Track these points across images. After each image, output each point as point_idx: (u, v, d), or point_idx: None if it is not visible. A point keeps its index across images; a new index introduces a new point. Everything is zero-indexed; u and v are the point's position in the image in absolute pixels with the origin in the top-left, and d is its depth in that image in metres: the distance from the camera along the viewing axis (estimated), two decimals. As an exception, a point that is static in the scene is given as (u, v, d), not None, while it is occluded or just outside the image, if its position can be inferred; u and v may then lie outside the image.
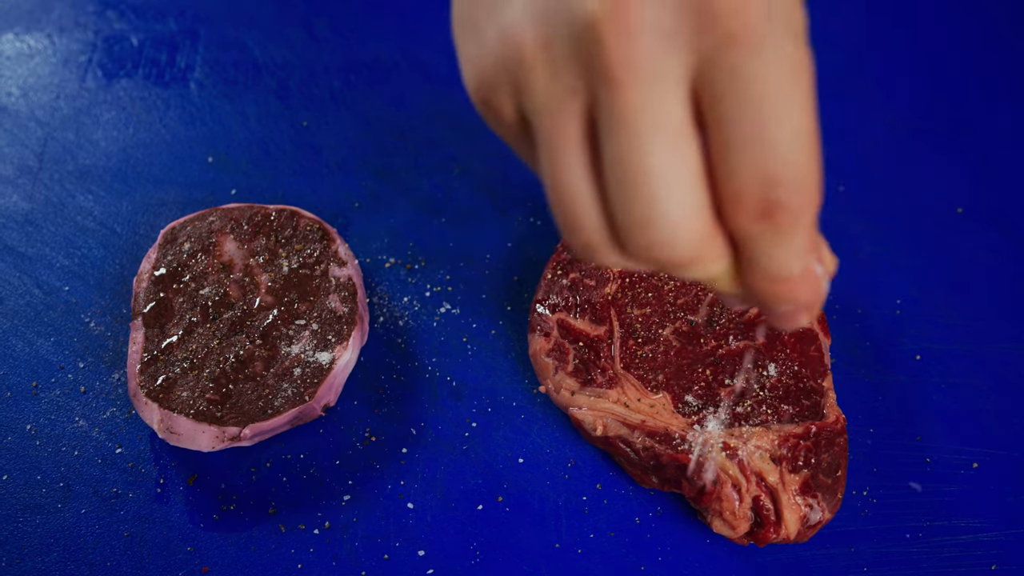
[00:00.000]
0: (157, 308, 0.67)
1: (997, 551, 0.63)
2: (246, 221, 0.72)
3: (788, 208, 0.33)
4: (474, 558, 0.62)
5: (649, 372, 0.64)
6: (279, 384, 0.64)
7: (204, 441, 0.61)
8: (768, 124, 0.32)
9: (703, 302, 0.67)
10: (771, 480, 0.59)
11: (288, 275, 0.69)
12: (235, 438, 0.61)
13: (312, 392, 0.63)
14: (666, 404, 0.63)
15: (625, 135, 0.32)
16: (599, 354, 0.65)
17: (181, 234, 0.71)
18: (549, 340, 0.66)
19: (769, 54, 0.31)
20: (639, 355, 0.65)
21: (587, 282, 0.68)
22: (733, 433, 0.61)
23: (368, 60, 0.89)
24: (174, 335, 0.66)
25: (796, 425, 0.61)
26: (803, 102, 0.32)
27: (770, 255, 0.34)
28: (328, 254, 0.70)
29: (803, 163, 0.32)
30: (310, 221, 0.72)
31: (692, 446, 0.60)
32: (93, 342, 0.71)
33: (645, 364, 0.65)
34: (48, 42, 0.90)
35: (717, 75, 0.32)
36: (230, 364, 0.64)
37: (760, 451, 0.60)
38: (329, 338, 0.66)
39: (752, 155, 0.32)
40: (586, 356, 0.65)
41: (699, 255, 0.34)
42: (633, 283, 0.68)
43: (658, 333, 0.66)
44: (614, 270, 0.69)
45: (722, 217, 0.34)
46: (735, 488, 0.59)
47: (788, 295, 0.36)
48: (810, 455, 0.60)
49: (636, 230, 0.34)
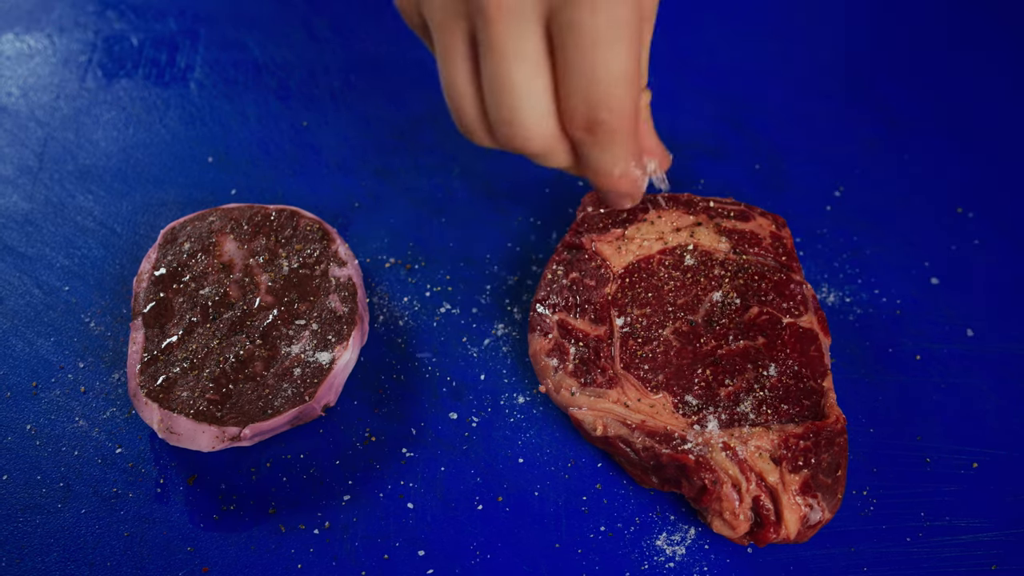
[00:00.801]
0: (157, 308, 0.67)
1: (997, 551, 0.63)
2: (246, 221, 0.72)
3: (606, 125, 0.45)
4: (474, 558, 0.62)
5: (649, 372, 0.64)
6: (279, 384, 0.64)
7: (204, 441, 0.61)
8: (595, 64, 0.43)
9: (703, 302, 0.67)
10: (771, 480, 0.59)
11: (288, 275, 0.69)
12: (235, 438, 0.61)
13: (312, 392, 0.63)
14: (666, 404, 0.63)
15: (494, 57, 0.44)
16: (599, 354, 0.65)
17: (181, 234, 0.71)
18: (549, 340, 0.66)
19: (601, 11, 0.42)
20: (639, 355, 0.65)
21: (587, 282, 0.68)
22: (733, 433, 0.61)
23: (368, 60, 0.89)
24: (174, 335, 0.66)
25: (796, 425, 0.61)
26: (624, 51, 0.43)
27: (595, 157, 0.48)
28: (328, 254, 0.70)
29: (619, 94, 0.44)
30: (310, 221, 0.72)
31: (692, 447, 0.60)
32: (93, 342, 0.71)
33: (645, 364, 0.65)
34: (48, 42, 0.90)
35: (563, 22, 0.43)
36: (230, 364, 0.64)
37: (760, 451, 0.60)
38: (329, 338, 0.66)
39: (582, 84, 0.44)
40: (586, 356, 0.65)
41: (548, 150, 0.48)
42: (633, 283, 0.68)
43: (658, 333, 0.66)
44: (614, 270, 0.69)
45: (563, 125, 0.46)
46: (735, 488, 0.59)
47: (611, 187, 0.50)
48: (810, 455, 0.60)
49: (502, 126, 0.46)
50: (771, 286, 0.67)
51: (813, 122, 0.87)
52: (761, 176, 0.83)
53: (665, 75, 0.90)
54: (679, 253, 0.69)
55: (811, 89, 0.89)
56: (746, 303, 0.67)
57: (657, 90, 0.89)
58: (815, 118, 0.87)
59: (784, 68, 0.91)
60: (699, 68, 0.90)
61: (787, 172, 0.83)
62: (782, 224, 0.71)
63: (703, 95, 0.89)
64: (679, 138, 0.85)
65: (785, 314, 0.66)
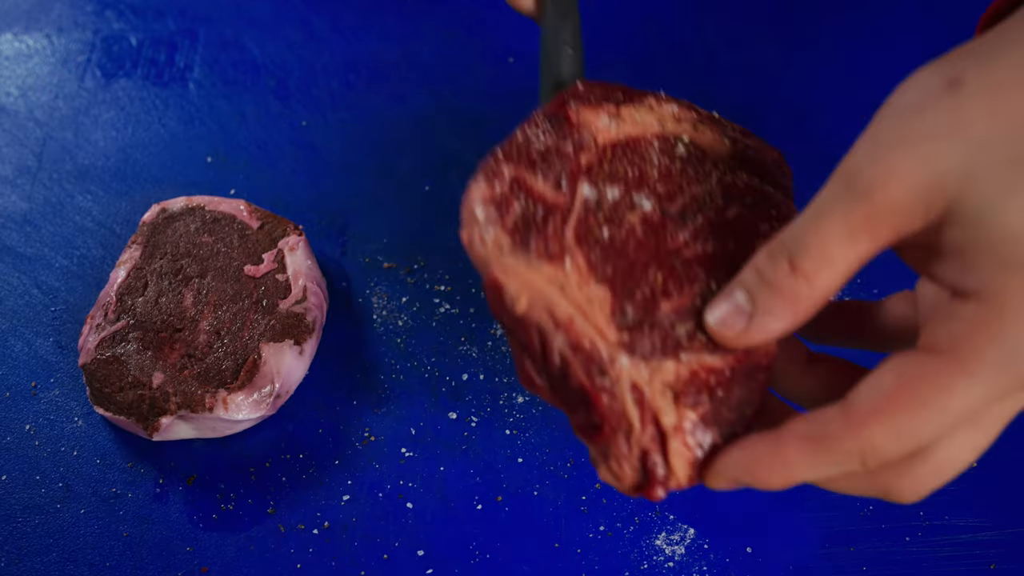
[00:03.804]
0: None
1: (996, 551, 0.63)
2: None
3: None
4: (474, 558, 0.62)
5: (600, 258, 0.53)
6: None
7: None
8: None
9: (683, 194, 0.56)
10: (665, 422, 0.48)
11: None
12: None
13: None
14: (604, 305, 0.51)
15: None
16: (547, 221, 0.53)
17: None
18: (492, 189, 0.54)
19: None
20: (594, 235, 0.54)
21: (564, 149, 0.57)
22: (649, 366, 0.50)
23: (368, 60, 0.89)
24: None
25: (717, 357, 0.50)
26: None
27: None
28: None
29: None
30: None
31: (608, 382, 0.49)
32: (92, 342, 0.71)
33: (598, 248, 0.54)
34: (47, 42, 0.90)
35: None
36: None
37: (664, 387, 0.49)
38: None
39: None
40: (532, 215, 0.53)
41: None
42: (614, 159, 0.57)
43: (624, 216, 0.55)
44: (598, 142, 0.58)
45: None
46: (626, 436, 0.48)
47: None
48: (717, 389, 0.49)
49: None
50: (760, 198, 0.58)
51: (813, 122, 0.87)
52: (760, 176, 0.83)
53: (665, 75, 0.90)
54: (673, 140, 0.59)
55: (811, 89, 0.89)
56: (728, 204, 0.57)
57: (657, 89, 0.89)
58: (815, 118, 0.87)
59: (784, 68, 0.91)
60: (699, 68, 0.90)
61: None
62: (783, 159, 0.63)
63: (703, 95, 0.89)
64: (678, 138, 0.85)
65: (765, 222, 0.57)
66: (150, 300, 0.68)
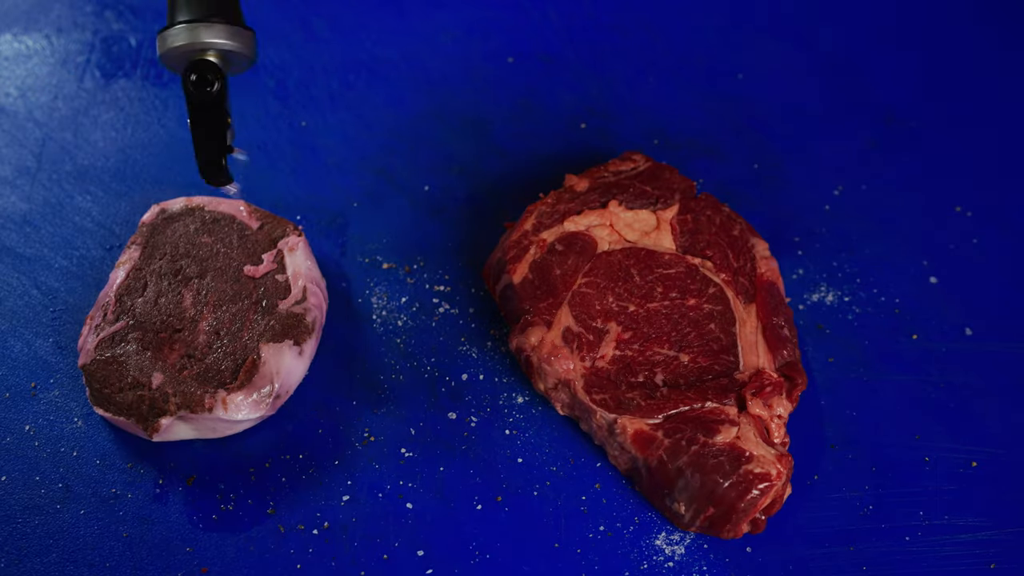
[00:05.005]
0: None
1: (996, 550, 0.63)
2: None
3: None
4: (474, 558, 0.62)
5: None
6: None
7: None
8: None
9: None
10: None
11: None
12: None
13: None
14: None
15: None
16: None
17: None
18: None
19: None
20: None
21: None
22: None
23: (368, 60, 0.89)
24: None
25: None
26: None
27: None
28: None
29: None
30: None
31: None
32: (92, 342, 0.71)
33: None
34: (46, 43, 0.90)
35: None
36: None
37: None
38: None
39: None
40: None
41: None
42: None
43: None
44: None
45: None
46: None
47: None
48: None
49: None
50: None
51: (813, 122, 0.87)
52: (760, 176, 0.83)
53: (665, 75, 0.90)
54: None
55: (811, 89, 0.89)
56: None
57: (657, 90, 0.89)
58: (815, 118, 0.87)
59: (784, 68, 0.91)
60: (699, 68, 0.90)
61: (786, 172, 0.83)
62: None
63: (703, 95, 0.89)
64: (678, 138, 0.85)
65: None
66: (149, 300, 0.68)
